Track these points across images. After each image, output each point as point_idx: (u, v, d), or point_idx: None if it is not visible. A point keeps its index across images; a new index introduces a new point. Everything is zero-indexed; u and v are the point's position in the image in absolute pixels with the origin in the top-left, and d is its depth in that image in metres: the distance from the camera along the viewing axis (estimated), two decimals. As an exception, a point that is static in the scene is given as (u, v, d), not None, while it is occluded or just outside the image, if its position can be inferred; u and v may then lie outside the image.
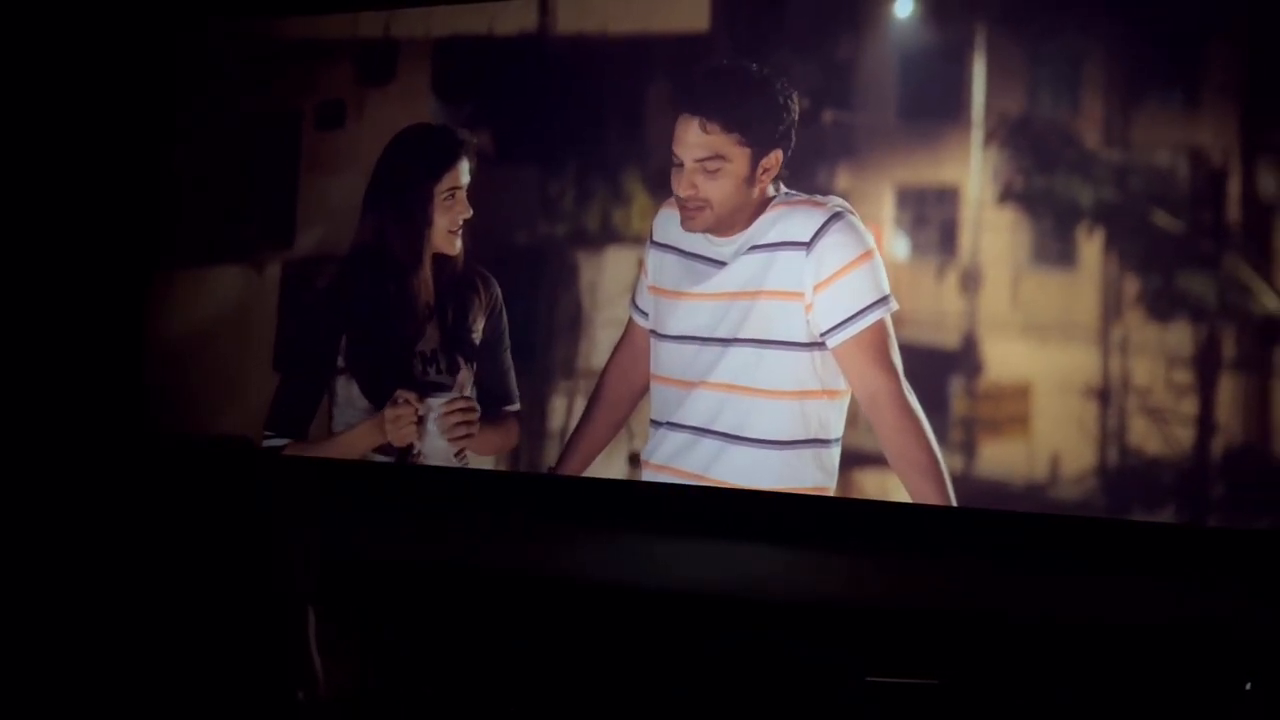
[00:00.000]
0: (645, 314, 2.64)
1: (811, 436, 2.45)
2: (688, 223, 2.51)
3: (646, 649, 2.49)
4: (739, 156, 2.45)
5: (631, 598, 2.56)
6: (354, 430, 2.81)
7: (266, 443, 2.84)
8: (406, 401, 2.74)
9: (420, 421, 2.75)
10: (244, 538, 1.02)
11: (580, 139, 2.84)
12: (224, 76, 3.18)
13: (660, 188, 2.76)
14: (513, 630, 2.59)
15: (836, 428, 2.46)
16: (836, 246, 2.40)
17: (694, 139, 2.46)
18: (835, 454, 2.46)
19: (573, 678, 2.48)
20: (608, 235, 2.81)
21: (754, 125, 2.45)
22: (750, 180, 2.46)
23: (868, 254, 2.41)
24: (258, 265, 3.09)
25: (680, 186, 2.48)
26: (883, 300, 2.38)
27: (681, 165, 2.48)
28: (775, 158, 2.46)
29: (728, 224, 2.49)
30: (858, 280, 2.39)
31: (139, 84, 3.19)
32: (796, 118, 2.48)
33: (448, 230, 2.77)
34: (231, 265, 3.12)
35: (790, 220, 2.44)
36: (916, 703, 2.25)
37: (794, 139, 2.48)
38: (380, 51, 3.03)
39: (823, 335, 2.41)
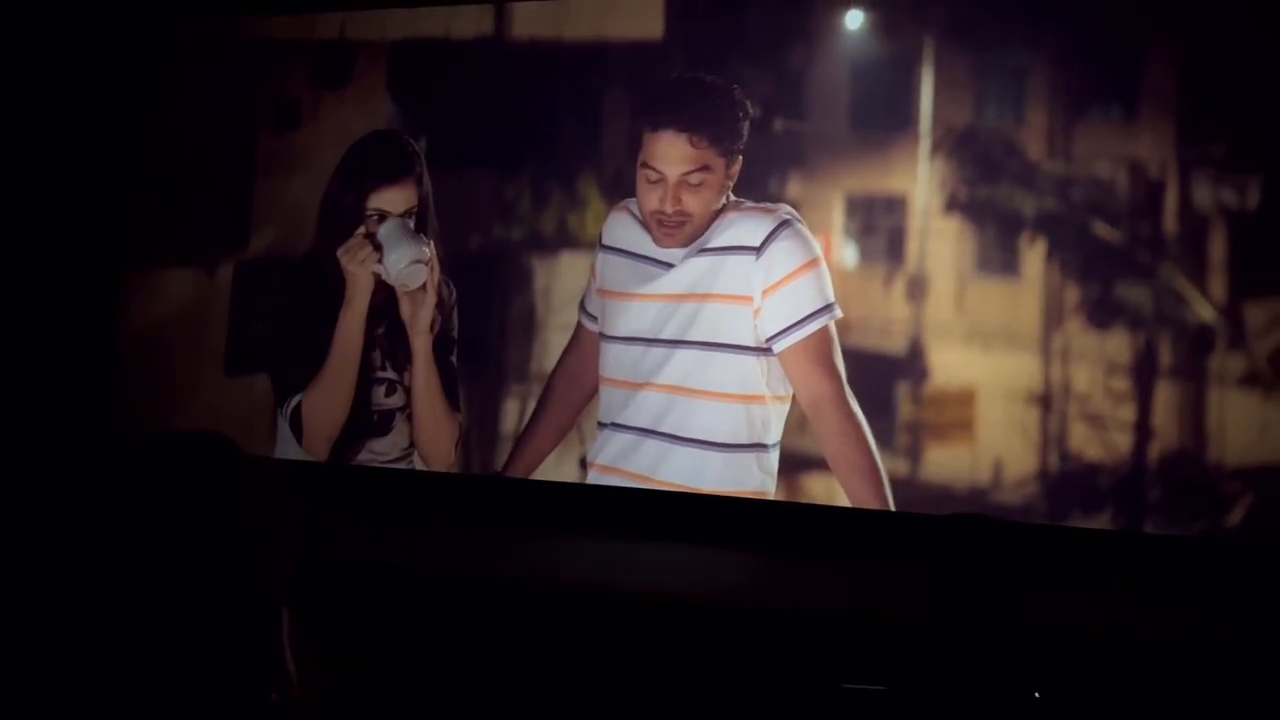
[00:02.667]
0: (594, 318, 2.65)
1: (755, 440, 2.48)
2: (667, 239, 2.50)
3: (607, 651, 2.50)
4: (719, 166, 2.47)
5: (594, 600, 2.56)
6: (340, 322, 2.63)
7: (290, 404, 2.69)
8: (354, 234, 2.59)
9: (377, 248, 2.58)
10: (218, 537, 1.02)
11: (536, 143, 2.86)
12: (181, 77, 3.16)
13: (616, 193, 2.79)
14: (479, 632, 2.59)
15: (776, 432, 2.48)
16: (785, 252, 2.43)
17: (681, 153, 2.45)
18: (775, 457, 2.49)
19: (536, 679, 2.49)
20: (563, 240, 2.83)
21: (727, 135, 2.48)
22: (722, 189, 2.49)
23: (814, 261, 2.44)
24: (210, 266, 3.08)
25: (666, 202, 2.46)
26: (827, 308, 2.41)
27: (661, 180, 2.46)
28: (738, 164, 2.49)
29: (699, 233, 2.50)
30: (804, 286, 2.42)
31: (104, 86, 3.16)
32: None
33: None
34: (184, 266, 3.10)
35: (741, 226, 2.47)
36: (890, 710, 2.26)
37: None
38: (336, 54, 3.03)
39: (769, 340, 2.44)
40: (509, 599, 2.59)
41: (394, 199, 2.64)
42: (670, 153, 2.46)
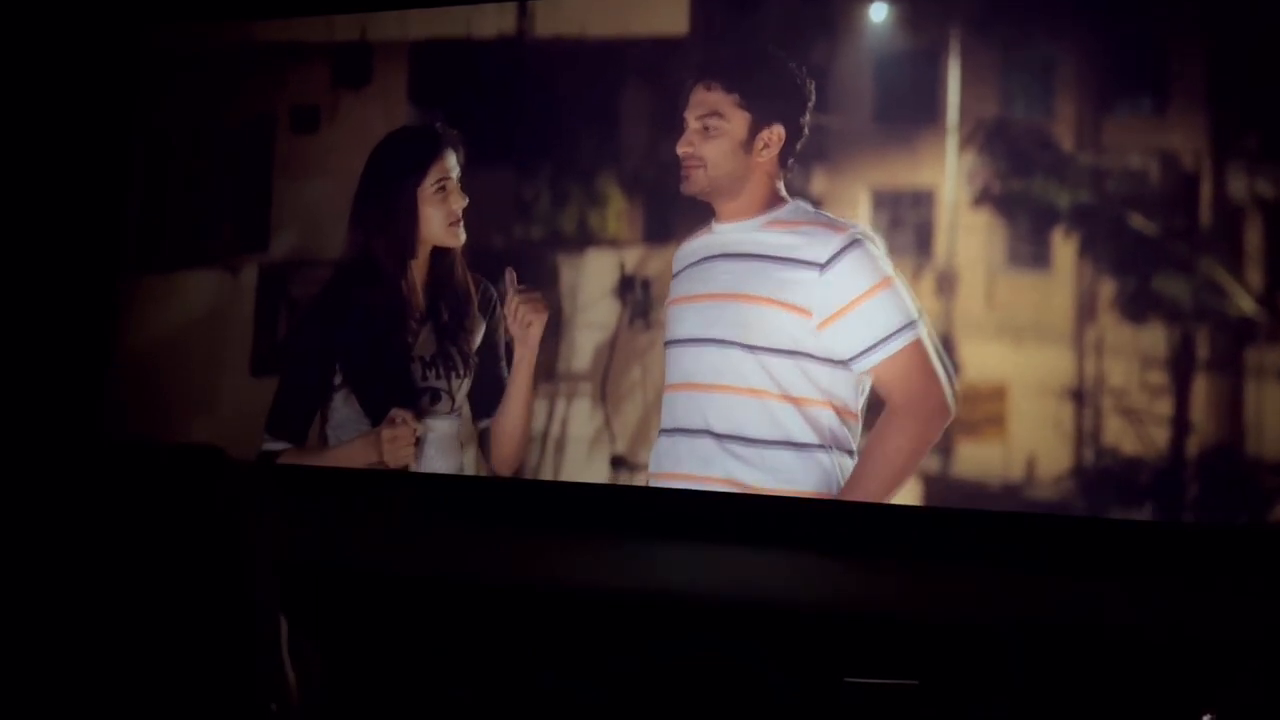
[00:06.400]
0: None
1: (823, 443, 2.46)
2: (685, 184, 2.56)
3: (626, 653, 2.49)
4: (737, 118, 2.52)
5: (613, 603, 2.55)
6: (349, 446, 2.78)
7: (266, 445, 2.83)
8: (404, 421, 2.72)
9: (418, 443, 2.73)
10: (214, 546, 1.01)
11: (557, 142, 2.84)
12: (198, 78, 3.16)
13: (636, 191, 2.77)
14: (490, 637, 2.58)
15: (851, 440, 2.47)
16: (852, 274, 2.44)
17: (697, 98, 2.56)
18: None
19: (550, 684, 2.48)
20: (585, 238, 2.81)
21: (757, 92, 2.53)
22: (747, 147, 2.51)
23: (886, 281, 2.44)
24: (233, 269, 3.07)
25: (680, 144, 2.56)
26: (910, 325, 2.42)
27: (685, 127, 2.56)
28: (776, 132, 2.51)
29: (723, 190, 2.53)
30: (878, 307, 2.43)
31: (110, 86, 3.16)
32: (808, 101, 2.54)
33: (447, 223, 2.76)
34: (206, 269, 3.10)
35: (809, 239, 2.48)
36: (894, 704, 2.25)
37: (804, 128, 2.53)
38: (356, 55, 3.02)
39: (848, 360, 2.44)
40: (511, 601, 2.58)
41: (438, 170, 2.76)
42: (692, 99, 2.57)
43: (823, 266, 2.44)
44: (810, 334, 2.45)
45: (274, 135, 3.08)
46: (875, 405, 2.47)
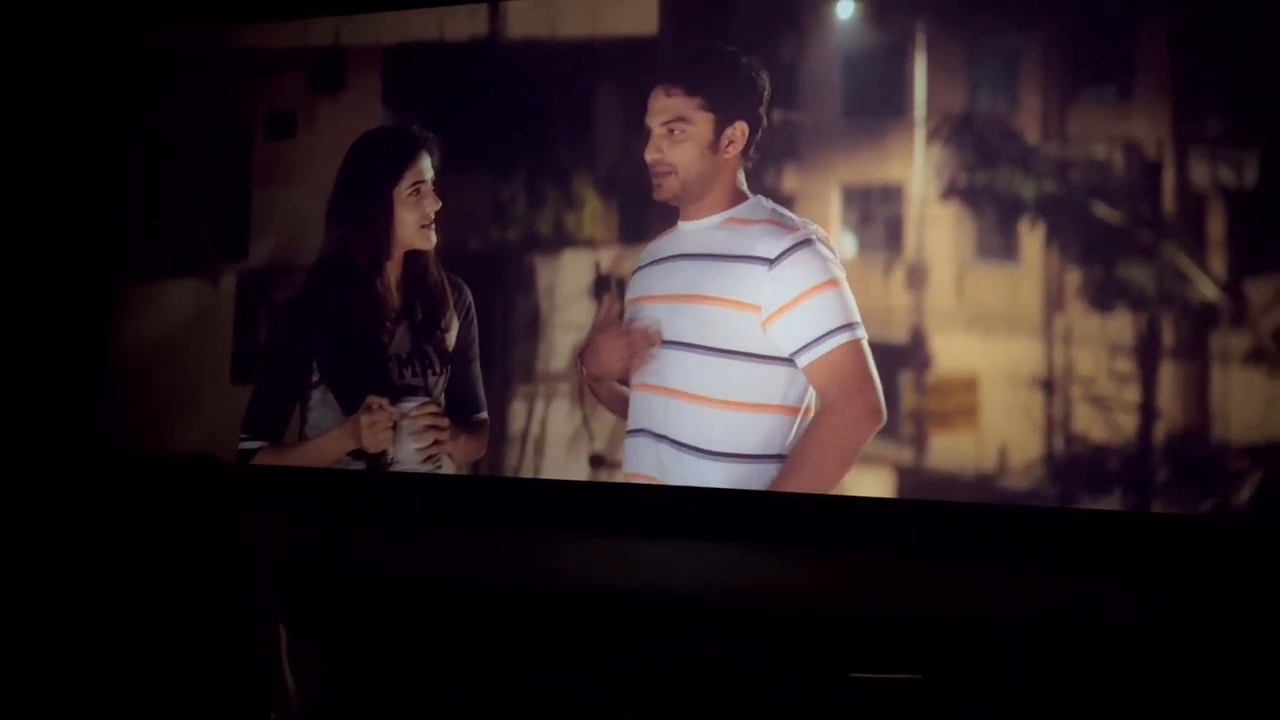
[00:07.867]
0: None
1: (772, 452, 2.46)
2: (656, 191, 2.56)
3: (618, 652, 2.49)
4: (701, 121, 2.51)
5: (613, 603, 2.56)
6: (326, 435, 2.80)
7: (242, 445, 2.85)
8: (380, 407, 2.75)
9: (394, 427, 2.76)
10: (210, 554, 1.02)
11: (531, 143, 2.86)
12: (174, 86, 3.16)
13: (612, 191, 2.79)
14: (490, 637, 2.59)
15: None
16: (801, 269, 2.44)
17: (659, 104, 2.55)
18: None
19: (550, 684, 2.48)
20: (561, 239, 2.83)
21: (717, 92, 2.53)
22: (714, 147, 2.51)
23: (832, 281, 2.43)
24: (212, 277, 3.08)
25: (647, 152, 2.55)
26: (847, 326, 2.40)
27: (650, 133, 2.55)
28: (739, 129, 2.51)
29: (694, 193, 2.53)
30: (820, 305, 2.42)
31: (111, 86, 3.16)
32: (765, 94, 2.54)
33: (419, 225, 2.77)
34: (185, 278, 3.11)
35: (761, 237, 2.48)
36: (896, 701, 2.25)
37: (763, 119, 2.54)
38: (330, 60, 3.03)
39: (791, 355, 2.44)
40: (511, 601, 2.59)
41: (413, 173, 2.78)
42: (653, 105, 2.56)
43: (772, 262, 2.45)
44: (757, 331, 2.46)
45: (251, 142, 3.09)
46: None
